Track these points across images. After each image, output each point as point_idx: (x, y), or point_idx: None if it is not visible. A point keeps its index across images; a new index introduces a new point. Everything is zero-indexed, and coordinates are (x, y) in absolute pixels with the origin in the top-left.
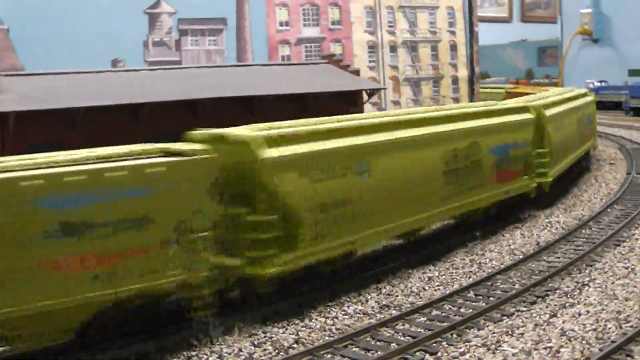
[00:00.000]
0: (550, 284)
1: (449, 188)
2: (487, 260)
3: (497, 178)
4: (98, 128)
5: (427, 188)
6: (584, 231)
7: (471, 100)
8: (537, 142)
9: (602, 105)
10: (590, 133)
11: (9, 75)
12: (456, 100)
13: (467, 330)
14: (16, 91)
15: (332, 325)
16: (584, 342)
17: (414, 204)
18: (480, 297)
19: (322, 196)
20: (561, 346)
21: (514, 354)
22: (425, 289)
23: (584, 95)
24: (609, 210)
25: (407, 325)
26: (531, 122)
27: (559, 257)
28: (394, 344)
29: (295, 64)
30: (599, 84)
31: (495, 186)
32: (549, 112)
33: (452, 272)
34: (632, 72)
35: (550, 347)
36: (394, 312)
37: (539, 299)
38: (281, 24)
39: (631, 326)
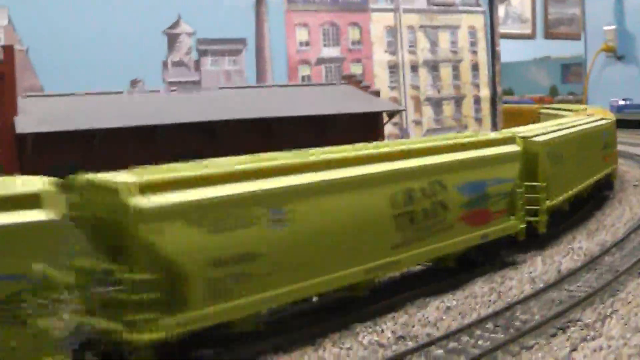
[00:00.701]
0: (571, 315)
1: (403, 234)
2: (507, 289)
3: (470, 220)
4: (117, 150)
5: (370, 235)
6: (606, 258)
7: (494, 120)
8: (529, 176)
9: (626, 124)
10: (609, 157)
11: (28, 97)
12: (478, 120)
13: None
14: (35, 112)
15: (347, 357)
16: None
17: (353, 255)
18: (499, 329)
19: (219, 250)
20: None
21: None
22: (442, 319)
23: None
24: (632, 236)
25: (423, 359)
26: (517, 155)
27: (580, 286)
28: None
29: (315, 85)
30: (623, 102)
31: (468, 229)
32: (541, 141)
33: (471, 301)
34: None
35: None
36: (410, 343)
37: (559, 331)
38: (301, 44)
39: None
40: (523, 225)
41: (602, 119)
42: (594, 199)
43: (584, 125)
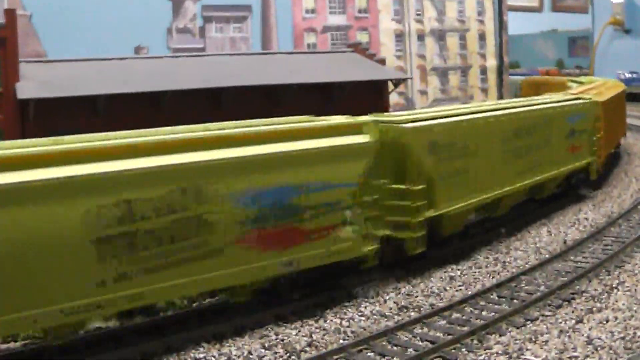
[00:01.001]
0: (577, 287)
1: (109, 266)
2: (512, 259)
3: (261, 243)
4: (120, 115)
5: (54, 267)
6: (613, 229)
7: (500, 90)
8: (397, 176)
9: (633, 97)
10: (585, 147)
11: (30, 62)
12: (484, 90)
13: (489, 336)
14: (38, 78)
15: (348, 327)
16: (611, 351)
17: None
18: (504, 300)
19: None
20: (587, 356)
21: None
22: (446, 290)
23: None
24: (639, 207)
25: (425, 329)
26: (364, 149)
27: (586, 257)
28: (411, 349)
29: (320, 52)
30: (630, 75)
31: (256, 256)
32: (413, 128)
33: (475, 272)
34: None
35: (576, 357)
36: (412, 314)
37: (565, 303)
38: (307, 12)
39: None
40: (371, 247)
41: (578, 98)
42: (560, 198)
43: (524, 107)
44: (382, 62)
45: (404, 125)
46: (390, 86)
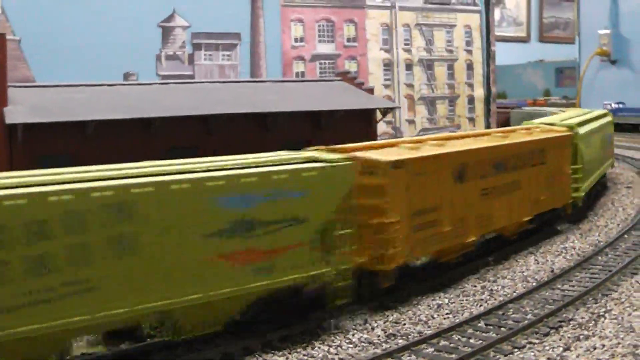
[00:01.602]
0: (564, 315)
1: None
2: (499, 287)
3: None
4: (109, 141)
5: None
6: (600, 258)
7: (487, 120)
8: None
9: (619, 127)
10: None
11: (19, 87)
12: (472, 120)
13: None
14: (26, 103)
15: (336, 354)
16: None
17: None
18: (491, 328)
19: None
20: None
21: None
22: (434, 317)
23: None
24: (625, 236)
25: (413, 357)
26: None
27: (573, 286)
28: None
29: (309, 81)
30: (616, 106)
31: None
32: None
33: (463, 300)
34: None
35: None
36: (400, 341)
37: (552, 331)
38: (296, 40)
39: None
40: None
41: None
42: None
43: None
44: (371, 90)
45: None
46: (379, 115)
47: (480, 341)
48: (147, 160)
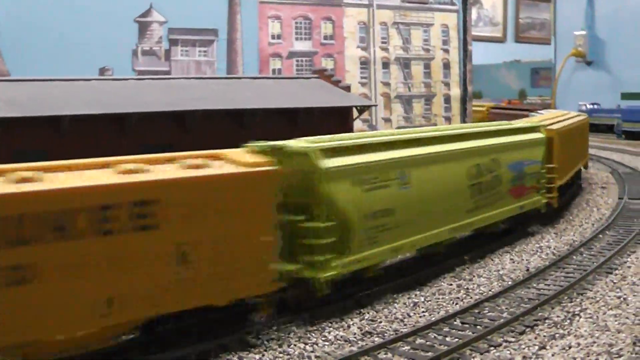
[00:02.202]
0: (539, 313)
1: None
2: (475, 286)
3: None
4: (84, 137)
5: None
6: (575, 257)
7: (463, 120)
8: None
9: (594, 128)
10: None
11: None
12: (448, 119)
13: None
14: (1, 97)
15: (312, 352)
16: None
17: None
18: (467, 326)
19: None
20: None
21: None
22: (410, 315)
23: None
24: (600, 236)
25: (389, 354)
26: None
27: (549, 285)
28: None
29: (285, 78)
30: (591, 106)
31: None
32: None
33: (439, 298)
34: (625, 96)
35: None
36: (376, 339)
37: (528, 329)
38: (273, 37)
39: None
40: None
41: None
42: None
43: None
44: (347, 88)
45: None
46: (355, 113)
47: (457, 339)
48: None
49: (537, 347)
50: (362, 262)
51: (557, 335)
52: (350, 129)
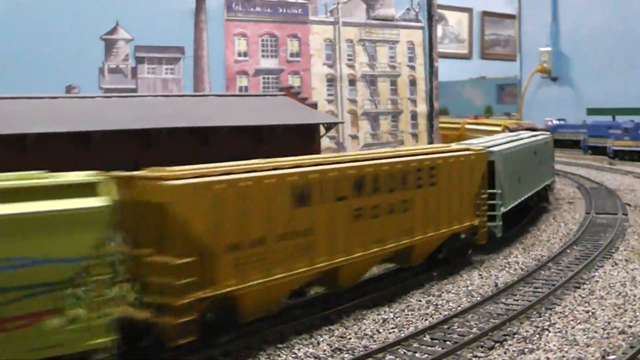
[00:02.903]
0: (508, 329)
1: None
2: (444, 301)
3: None
4: (49, 155)
5: None
6: (543, 272)
7: (430, 136)
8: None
9: (560, 144)
10: None
11: None
12: (415, 136)
13: None
14: None
15: None
16: None
17: None
18: (437, 342)
19: None
20: None
21: None
22: (379, 332)
23: None
24: (568, 251)
25: None
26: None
27: (517, 300)
28: None
29: (252, 95)
30: (557, 122)
31: None
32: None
33: (408, 314)
34: (591, 111)
35: None
36: (346, 356)
37: (497, 344)
38: (239, 55)
39: None
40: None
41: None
42: None
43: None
44: (314, 106)
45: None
46: (322, 130)
47: (426, 355)
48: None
49: None
50: None
51: (526, 350)
52: (317, 147)
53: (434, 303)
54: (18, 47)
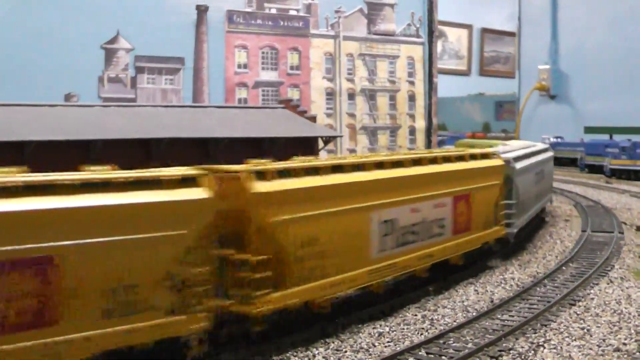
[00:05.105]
0: (504, 344)
1: None
2: (440, 316)
3: None
4: (48, 163)
5: None
6: (539, 289)
7: None
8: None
9: (558, 161)
10: None
11: None
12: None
13: None
14: None
15: None
16: None
17: None
18: (432, 356)
19: None
20: None
21: None
22: (375, 345)
23: None
24: (564, 268)
25: None
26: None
27: (513, 316)
28: None
29: (251, 107)
30: (555, 140)
31: None
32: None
33: (404, 328)
34: (588, 130)
35: None
36: None
37: None
38: (239, 66)
39: None
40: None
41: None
42: None
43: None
44: (313, 119)
45: None
46: (321, 143)
47: None
48: None
49: None
50: None
51: None
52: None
53: (430, 318)
54: (18, 56)
